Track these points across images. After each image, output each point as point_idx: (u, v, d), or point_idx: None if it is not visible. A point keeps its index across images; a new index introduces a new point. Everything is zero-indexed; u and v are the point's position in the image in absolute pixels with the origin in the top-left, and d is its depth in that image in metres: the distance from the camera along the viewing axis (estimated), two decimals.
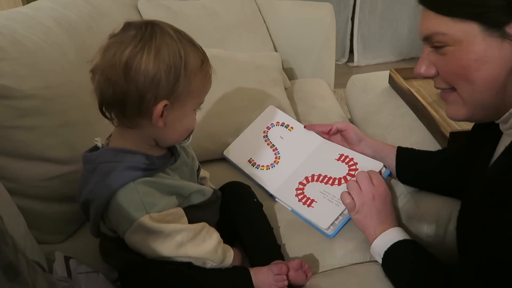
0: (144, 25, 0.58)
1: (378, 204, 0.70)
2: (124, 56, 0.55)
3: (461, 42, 0.54)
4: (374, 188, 0.71)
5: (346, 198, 0.72)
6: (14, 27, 0.76)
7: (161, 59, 0.56)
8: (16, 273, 0.40)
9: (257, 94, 1.12)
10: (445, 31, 0.55)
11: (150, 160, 0.62)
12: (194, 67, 0.59)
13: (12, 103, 0.69)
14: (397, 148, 0.84)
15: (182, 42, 0.58)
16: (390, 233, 0.67)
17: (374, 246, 0.69)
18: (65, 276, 0.62)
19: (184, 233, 0.62)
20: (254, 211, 0.77)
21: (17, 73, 0.70)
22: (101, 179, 0.60)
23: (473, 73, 0.54)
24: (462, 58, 0.54)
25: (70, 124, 0.78)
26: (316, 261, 0.76)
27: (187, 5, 1.43)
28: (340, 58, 2.83)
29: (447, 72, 0.58)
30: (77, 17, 0.95)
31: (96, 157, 0.62)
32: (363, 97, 1.26)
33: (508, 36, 0.51)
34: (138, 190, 0.59)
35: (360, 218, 0.71)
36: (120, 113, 0.59)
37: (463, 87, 0.56)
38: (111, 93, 0.57)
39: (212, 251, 0.64)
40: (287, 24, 1.49)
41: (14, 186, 0.71)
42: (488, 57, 0.53)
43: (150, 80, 0.56)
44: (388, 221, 0.69)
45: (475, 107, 0.57)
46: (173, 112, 0.60)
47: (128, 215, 0.59)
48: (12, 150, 0.71)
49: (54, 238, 0.79)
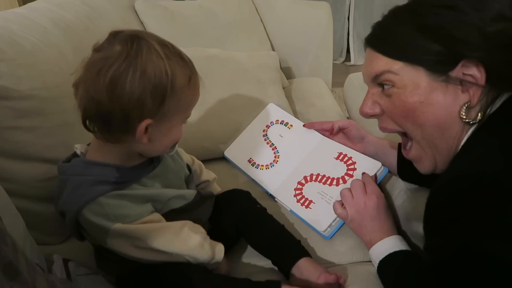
0: (130, 39, 0.55)
1: (371, 212, 0.70)
2: (109, 75, 0.53)
3: (407, 85, 0.57)
4: (366, 197, 0.71)
5: (337, 209, 0.73)
6: (11, 28, 0.76)
7: (146, 79, 0.54)
8: (15, 273, 0.40)
9: (255, 94, 1.12)
10: (397, 71, 0.57)
11: (122, 172, 0.61)
12: (181, 84, 0.57)
13: (10, 104, 0.69)
14: (399, 144, 0.84)
15: (169, 59, 0.56)
16: (385, 243, 0.67)
17: (371, 255, 0.69)
18: (65, 278, 0.62)
19: (165, 230, 0.61)
20: (261, 216, 0.77)
21: (15, 73, 0.70)
22: (72, 192, 0.59)
23: (420, 116, 0.57)
24: (408, 100, 0.57)
25: (68, 125, 0.78)
26: (316, 259, 0.75)
27: (184, 5, 1.43)
28: (338, 57, 2.84)
29: (394, 114, 0.60)
30: (74, 18, 0.95)
31: (67, 169, 0.62)
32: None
33: (451, 80, 0.54)
34: (107, 204, 0.58)
35: (355, 226, 0.71)
36: (104, 129, 0.57)
37: (412, 131, 0.60)
38: (95, 110, 0.55)
39: (198, 246, 0.63)
40: (285, 23, 1.50)
41: (13, 186, 0.70)
42: (433, 100, 0.55)
43: (135, 100, 0.54)
44: (383, 229, 0.69)
45: (431, 150, 0.60)
46: (159, 128, 0.58)
47: (101, 227, 0.58)
48: (10, 150, 0.71)
49: (53, 239, 0.79)
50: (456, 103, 0.55)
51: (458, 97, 0.55)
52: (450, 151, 0.58)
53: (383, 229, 0.69)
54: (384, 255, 0.65)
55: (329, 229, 0.78)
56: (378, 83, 0.61)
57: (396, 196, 0.85)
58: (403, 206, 0.82)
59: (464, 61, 0.53)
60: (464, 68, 0.53)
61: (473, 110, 0.55)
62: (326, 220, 0.78)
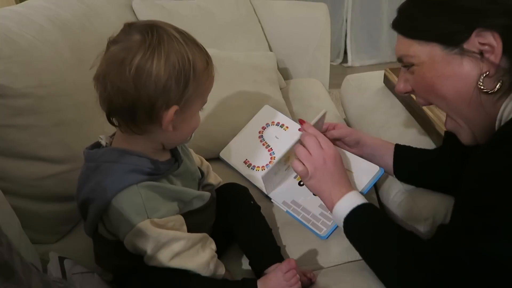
0: (149, 29, 0.56)
1: (330, 167, 0.70)
2: (134, 64, 0.54)
3: (424, 62, 0.60)
4: (324, 152, 0.71)
5: (298, 166, 0.71)
6: (7, 26, 0.76)
7: (171, 65, 0.55)
8: (11, 273, 0.40)
9: (252, 94, 1.12)
10: (412, 53, 0.61)
11: (155, 165, 0.61)
12: (201, 69, 0.58)
13: (5, 102, 0.69)
14: (395, 145, 0.84)
15: (188, 45, 0.57)
16: (349, 198, 0.67)
17: (334, 213, 0.68)
18: (60, 276, 0.61)
19: (182, 242, 0.60)
20: (252, 213, 0.77)
21: (11, 71, 0.70)
22: (103, 179, 0.59)
23: (440, 89, 0.59)
24: (426, 76, 0.60)
25: (64, 123, 0.78)
26: (312, 260, 0.76)
27: (182, 5, 1.43)
28: (335, 59, 2.84)
29: (418, 89, 0.64)
30: (71, 16, 0.95)
31: (100, 155, 0.61)
32: (358, 96, 1.27)
33: (467, 52, 0.56)
34: (141, 193, 0.58)
35: (314, 183, 0.71)
36: (130, 120, 0.58)
37: (438, 103, 0.62)
38: (121, 101, 0.56)
39: (204, 264, 0.62)
40: (282, 24, 1.50)
41: (8, 185, 0.70)
42: (450, 73, 0.57)
43: (161, 87, 0.55)
44: (341, 182, 0.70)
45: (466, 123, 0.61)
46: (182, 115, 0.59)
47: (129, 218, 0.58)
48: (5, 149, 0.70)
49: (48, 238, 0.79)
50: (474, 74, 0.56)
51: (475, 68, 0.55)
52: (486, 122, 0.58)
53: (341, 182, 0.70)
54: (349, 210, 0.66)
55: (325, 229, 0.78)
56: (403, 65, 0.65)
57: (393, 197, 0.86)
58: (400, 206, 0.82)
59: (478, 30, 0.54)
60: (479, 37, 0.54)
61: (492, 79, 0.55)
62: (326, 225, 0.78)
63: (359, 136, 0.87)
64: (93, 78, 0.57)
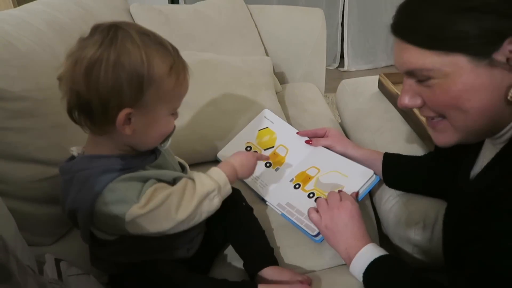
0: (107, 29, 0.55)
1: (344, 218, 0.70)
2: (84, 65, 0.54)
3: (447, 74, 0.51)
4: (340, 203, 0.72)
5: (311, 212, 0.74)
6: (5, 29, 0.76)
7: (120, 67, 0.54)
8: (8, 275, 0.40)
9: (248, 98, 1.12)
10: (430, 66, 0.51)
11: (126, 160, 0.61)
12: (160, 72, 0.56)
13: (3, 105, 0.69)
14: (384, 154, 0.85)
15: (147, 46, 0.55)
16: (365, 253, 0.66)
17: (353, 270, 0.67)
18: (56, 278, 0.62)
19: (173, 196, 0.60)
20: (244, 215, 0.78)
21: (9, 74, 0.70)
22: (81, 187, 0.59)
23: (465, 103, 0.51)
24: (451, 89, 0.51)
25: (61, 126, 0.78)
26: (306, 262, 0.76)
27: (179, 9, 1.43)
28: (331, 63, 2.86)
29: (436, 103, 0.55)
30: (69, 20, 0.95)
31: (71, 166, 0.62)
32: (353, 101, 1.28)
33: (497, 63, 0.49)
34: (119, 187, 0.58)
35: (329, 234, 0.71)
36: (88, 120, 0.58)
37: (455, 116, 0.53)
38: (75, 100, 0.56)
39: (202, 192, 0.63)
40: (278, 29, 1.51)
41: (4, 187, 0.71)
42: (479, 86, 0.50)
43: (110, 88, 0.54)
44: (357, 235, 0.68)
45: (468, 133, 0.55)
46: (142, 119, 0.58)
47: (118, 213, 0.58)
48: (2, 151, 0.71)
49: (44, 240, 0.79)
50: (504, 85, 0.50)
51: (506, 79, 0.49)
52: (493, 129, 0.54)
53: (356, 235, 0.68)
54: (366, 264, 0.65)
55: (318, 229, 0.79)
56: (416, 79, 0.55)
57: (385, 201, 0.87)
58: (392, 211, 0.83)
59: (511, 38, 0.47)
60: (511, 45, 0.48)
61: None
62: None
63: (346, 148, 0.89)
64: (56, 77, 0.58)
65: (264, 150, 0.97)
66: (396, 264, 0.65)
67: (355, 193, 0.80)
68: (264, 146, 0.98)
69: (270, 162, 0.95)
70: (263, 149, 0.97)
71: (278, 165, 0.94)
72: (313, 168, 0.89)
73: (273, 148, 0.97)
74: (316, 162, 0.90)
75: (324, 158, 0.90)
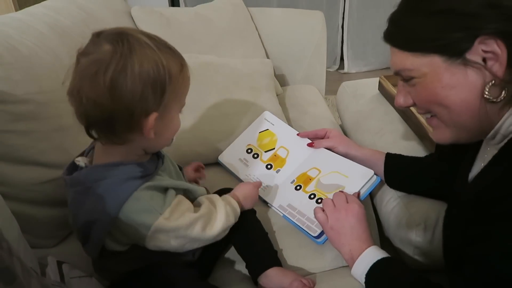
0: (118, 37, 0.55)
1: (351, 220, 0.70)
2: (108, 76, 0.53)
3: (426, 74, 0.56)
4: (348, 206, 0.72)
5: (318, 212, 0.74)
6: (8, 33, 0.77)
7: (145, 74, 0.55)
8: (12, 277, 0.40)
9: (249, 100, 1.13)
10: (410, 66, 0.57)
11: (143, 166, 0.62)
12: (176, 73, 0.59)
13: (6, 108, 0.70)
14: (386, 154, 0.86)
15: (161, 50, 0.57)
16: (368, 255, 0.67)
17: (355, 272, 0.68)
18: (58, 280, 0.62)
19: (200, 221, 0.63)
20: (247, 217, 0.77)
21: (12, 78, 0.71)
22: (100, 198, 0.58)
23: (444, 99, 0.56)
24: (429, 87, 0.56)
25: (63, 129, 0.79)
26: (307, 264, 0.76)
27: (180, 12, 1.44)
28: (332, 65, 2.86)
29: (420, 101, 0.60)
30: (71, 23, 0.96)
31: (84, 177, 0.61)
32: (354, 103, 1.29)
33: (469, 62, 0.52)
34: (143, 196, 0.59)
35: (334, 235, 0.71)
36: (109, 132, 0.58)
37: (440, 112, 0.58)
38: (99, 114, 0.55)
39: (225, 221, 0.66)
40: (279, 32, 1.52)
41: (7, 190, 0.71)
42: (455, 84, 0.54)
43: (138, 96, 0.55)
44: (361, 238, 0.69)
45: (458, 129, 0.58)
46: (163, 121, 0.60)
47: (142, 223, 0.59)
48: (5, 154, 0.71)
49: (46, 242, 0.79)
50: (479, 83, 0.52)
51: (481, 77, 0.52)
52: (481, 129, 0.56)
53: (361, 237, 0.69)
54: (369, 266, 0.65)
55: (319, 230, 0.78)
56: (402, 79, 0.61)
57: (386, 203, 0.87)
58: (393, 212, 0.83)
59: (481, 38, 0.50)
60: (482, 45, 0.51)
61: (497, 88, 0.52)
62: (319, 226, 0.79)
63: (348, 148, 0.89)
64: (66, 93, 0.57)
65: (264, 152, 0.98)
66: (398, 267, 0.65)
67: (356, 193, 0.80)
68: (265, 148, 0.98)
69: (271, 164, 0.95)
70: (264, 151, 0.98)
71: (279, 167, 0.94)
72: (314, 169, 0.89)
73: (274, 150, 0.98)
74: (316, 163, 0.90)
75: (325, 159, 0.91)
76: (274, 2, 2.66)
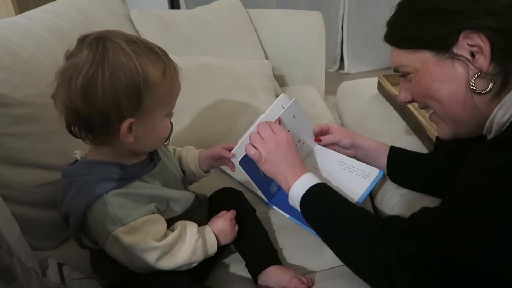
0: (95, 42, 0.55)
1: (283, 149, 0.71)
2: (79, 82, 0.53)
3: (418, 69, 0.62)
4: (276, 135, 0.72)
5: (251, 150, 0.72)
6: (8, 36, 0.77)
7: (117, 81, 0.54)
8: (12, 277, 0.41)
9: (248, 102, 1.13)
10: (405, 63, 0.63)
11: (124, 169, 0.61)
12: (155, 78, 0.57)
13: (6, 111, 0.70)
14: (390, 147, 0.86)
15: (138, 55, 0.55)
16: (304, 179, 0.68)
17: (291, 194, 0.69)
18: (59, 282, 0.62)
19: (156, 251, 0.60)
20: (247, 216, 0.78)
21: (11, 81, 0.71)
22: (77, 193, 0.60)
23: (435, 93, 0.61)
24: (422, 81, 0.62)
25: (63, 131, 0.77)
26: (306, 263, 0.77)
27: (179, 14, 1.45)
28: (332, 66, 2.87)
29: (416, 95, 0.66)
30: (70, 27, 0.97)
31: (71, 170, 0.62)
32: (353, 103, 1.29)
33: (456, 56, 0.57)
34: (111, 202, 0.58)
35: (269, 167, 0.72)
36: (89, 134, 0.58)
37: (433, 106, 0.63)
38: (75, 118, 0.56)
39: (188, 257, 0.63)
40: (278, 33, 1.52)
41: (8, 192, 0.71)
42: (444, 77, 0.59)
43: (110, 103, 0.54)
44: (295, 164, 0.71)
45: (453, 122, 0.63)
46: (143, 126, 0.59)
47: (103, 228, 0.59)
48: (5, 156, 0.72)
49: (47, 244, 0.80)
50: (466, 76, 0.57)
51: (467, 70, 0.57)
52: (475, 122, 0.60)
53: (295, 163, 0.70)
54: (305, 190, 0.66)
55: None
56: (401, 75, 0.67)
57: (387, 201, 0.87)
58: (393, 210, 0.83)
59: (464, 33, 0.55)
60: (467, 39, 0.55)
61: (484, 80, 0.56)
62: None
63: (353, 139, 0.88)
64: (50, 96, 0.57)
65: None
66: (333, 192, 0.66)
67: (277, 119, 0.79)
68: None
69: None
70: None
71: None
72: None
73: None
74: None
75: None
76: (273, 3, 2.67)
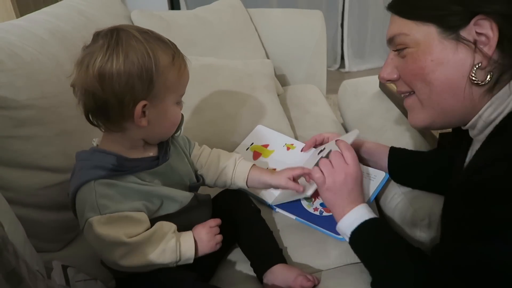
0: (109, 32, 0.60)
1: (350, 184, 0.69)
2: (96, 67, 0.58)
3: (419, 43, 0.57)
4: (347, 167, 0.70)
5: (316, 172, 0.71)
6: (10, 39, 0.77)
7: (130, 63, 0.58)
8: (19, 280, 0.41)
9: (250, 101, 1.13)
10: (408, 32, 0.58)
11: (120, 161, 0.63)
12: (165, 63, 0.61)
13: (9, 113, 0.70)
14: (390, 148, 0.86)
15: (149, 42, 0.60)
16: (357, 211, 0.67)
17: (342, 224, 0.67)
18: (64, 284, 0.63)
19: (122, 248, 0.60)
20: (252, 216, 0.78)
21: (14, 84, 0.71)
22: (75, 174, 0.64)
23: (430, 74, 0.57)
24: (420, 59, 0.57)
25: (66, 133, 0.79)
26: (311, 262, 0.76)
27: (180, 15, 1.45)
28: (332, 64, 2.86)
29: (406, 74, 0.61)
30: (72, 29, 0.97)
31: (78, 154, 0.66)
32: (355, 101, 1.29)
33: (462, 39, 0.54)
34: (96, 190, 0.60)
35: (330, 196, 0.70)
36: (105, 119, 0.62)
37: (421, 89, 0.59)
38: (93, 103, 0.60)
39: (156, 257, 0.62)
40: (279, 32, 1.52)
41: (12, 195, 0.71)
42: (444, 59, 0.55)
43: (124, 84, 0.58)
44: (357, 201, 0.69)
45: (434, 110, 0.59)
46: (155, 110, 0.62)
47: (83, 213, 0.61)
48: (9, 159, 0.72)
49: (51, 246, 0.80)
50: (467, 63, 0.54)
51: (469, 57, 0.54)
52: (460, 113, 0.58)
53: (357, 200, 0.69)
54: (357, 224, 0.65)
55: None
56: (395, 48, 0.62)
57: (390, 200, 0.87)
58: (397, 209, 0.83)
59: (477, 18, 0.52)
60: (477, 26, 0.52)
61: (483, 71, 0.54)
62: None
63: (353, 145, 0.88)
64: (70, 85, 0.61)
65: None
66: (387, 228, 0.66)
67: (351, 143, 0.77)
68: None
69: None
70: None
71: None
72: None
73: None
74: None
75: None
76: (273, 2, 2.67)
